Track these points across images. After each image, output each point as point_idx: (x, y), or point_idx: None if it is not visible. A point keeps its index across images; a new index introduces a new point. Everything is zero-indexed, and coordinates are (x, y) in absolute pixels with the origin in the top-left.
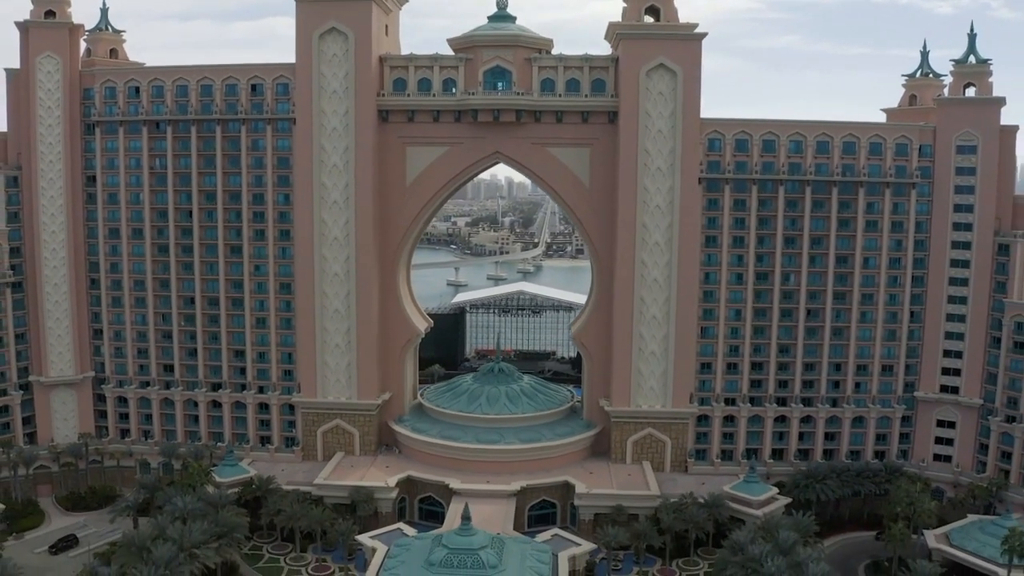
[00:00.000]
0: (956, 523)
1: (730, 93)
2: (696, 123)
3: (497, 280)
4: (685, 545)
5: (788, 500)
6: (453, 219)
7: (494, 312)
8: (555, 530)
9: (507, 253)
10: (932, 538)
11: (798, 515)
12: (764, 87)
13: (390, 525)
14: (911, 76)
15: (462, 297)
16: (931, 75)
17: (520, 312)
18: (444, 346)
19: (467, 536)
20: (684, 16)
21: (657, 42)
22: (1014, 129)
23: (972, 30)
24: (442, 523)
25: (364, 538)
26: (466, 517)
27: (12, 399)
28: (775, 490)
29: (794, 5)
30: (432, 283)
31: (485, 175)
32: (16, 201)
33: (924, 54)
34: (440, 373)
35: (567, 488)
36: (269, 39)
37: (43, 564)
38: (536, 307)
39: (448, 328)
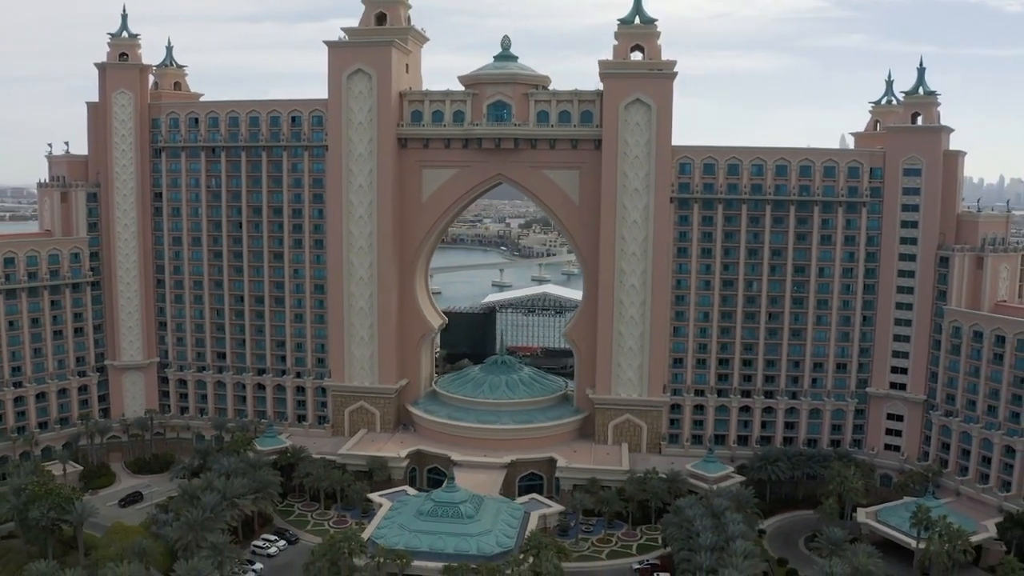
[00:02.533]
0: (888, 503)
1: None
2: (668, 149)
3: (541, 281)
4: (649, 513)
5: (742, 479)
6: (507, 220)
7: (522, 312)
8: (533, 495)
9: (553, 255)
10: (863, 515)
11: (749, 492)
12: (829, 88)
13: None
14: (876, 103)
15: (493, 298)
16: (895, 103)
17: (544, 312)
18: (476, 343)
19: (451, 493)
20: (738, 22)
21: (634, 80)
22: (957, 154)
23: (921, 64)
24: None
25: (375, 496)
26: (451, 478)
27: (90, 380)
28: (731, 469)
29: (860, 4)
30: (478, 283)
31: None
32: (95, 213)
33: (889, 83)
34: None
35: (552, 463)
36: (332, 38)
37: (114, 514)
38: (559, 308)
39: (480, 326)
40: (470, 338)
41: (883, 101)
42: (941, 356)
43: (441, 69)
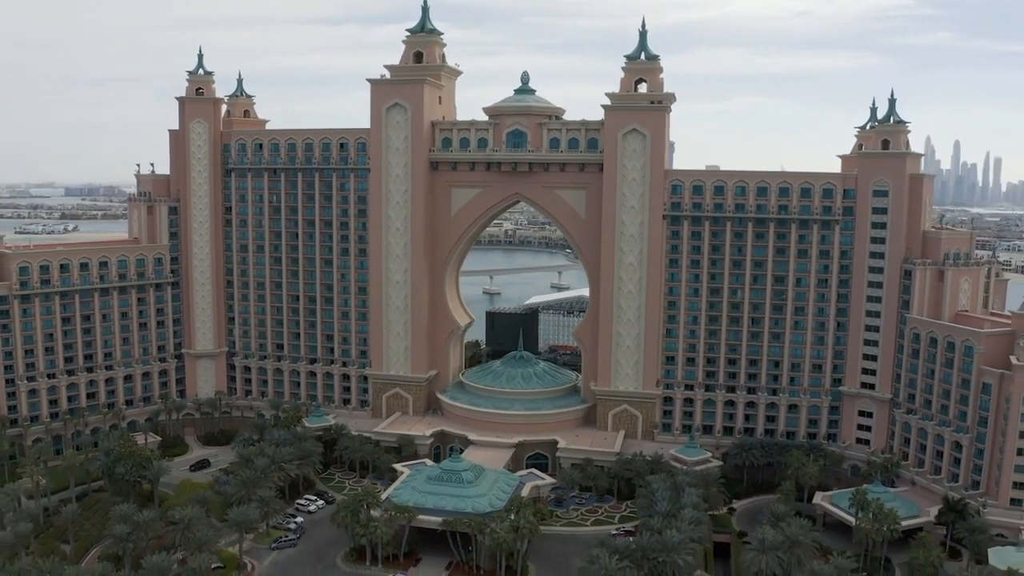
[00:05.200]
0: (844, 489)
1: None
2: (662, 173)
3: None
4: (635, 490)
5: (720, 463)
6: None
7: (562, 313)
8: (531, 470)
9: None
10: (819, 497)
11: (716, 473)
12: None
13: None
14: (861, 128)
15: (536, 299)
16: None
17: (581, 313)
18: (519, 341)
19: (455, 463)
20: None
21: (631, 112)
22: (923, 177)
23: (892, 95)
24: None
25: (398, 466)
26: (459, 451)
27: (169, 365)
28: (708, 455)
29: (944, 1)
30: (538, 285)
31: None
32: (176, 224)
33: (873, 110)
34: None
35: (554, 444)
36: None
37: (186, 477)
38: None
39: (523, 325)
40: (514, 337)
41: (867, 127)
42: (904, 360)
43: (516, 71)
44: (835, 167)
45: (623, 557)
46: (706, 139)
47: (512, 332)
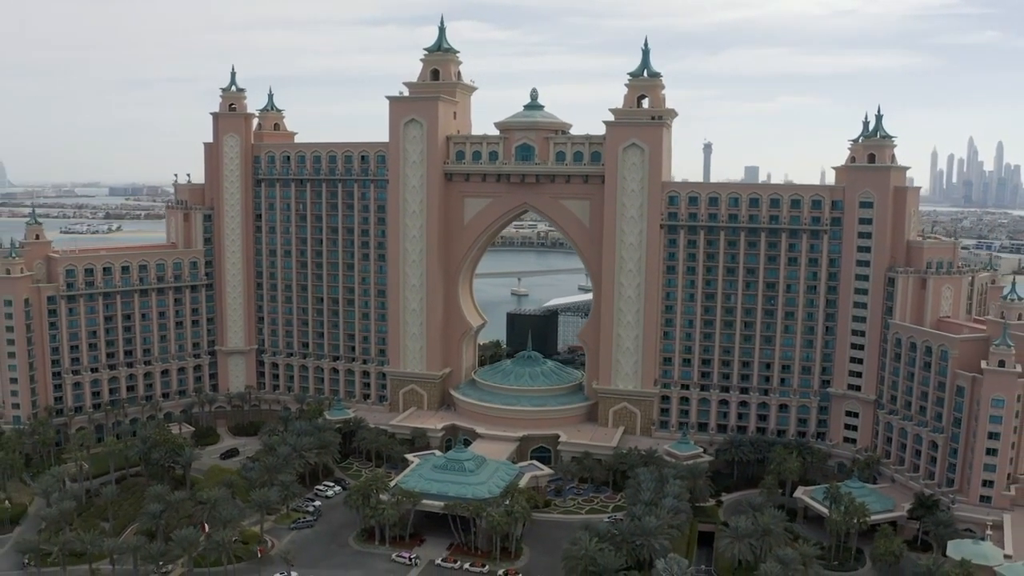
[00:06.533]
0: (824, 484)
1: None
2: (659, 185)
3: None
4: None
5: (711, 458)
6: None
7: (580, 315)
8: (532, 461)
9: None
10: (800, 491)
11: (703, 467)
12: (960, 87)
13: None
14: (855, 141)
15: (555, 302)
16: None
17: None
18: (538, 342)
19: (460, 454)
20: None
21: (630, 128)
22: (907, 190)
23: (879, 112)
24: None
25: (409, 456)
26: (464, 443)
27: (203, 361)
28: (700, 450)
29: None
30: (564, 287)
31: None
32: (210, 231)
33: (866, 124)
34: None
35: (556, 439)
36: (454, 42)
37: (216, 464)
38: None
39: (543, 327)
40: (534, 338)
41: (860, 140)
42: (887, 363)
43: (560, 71)
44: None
45: (603, 539)
46: (746, 139)
47: (532, 334)
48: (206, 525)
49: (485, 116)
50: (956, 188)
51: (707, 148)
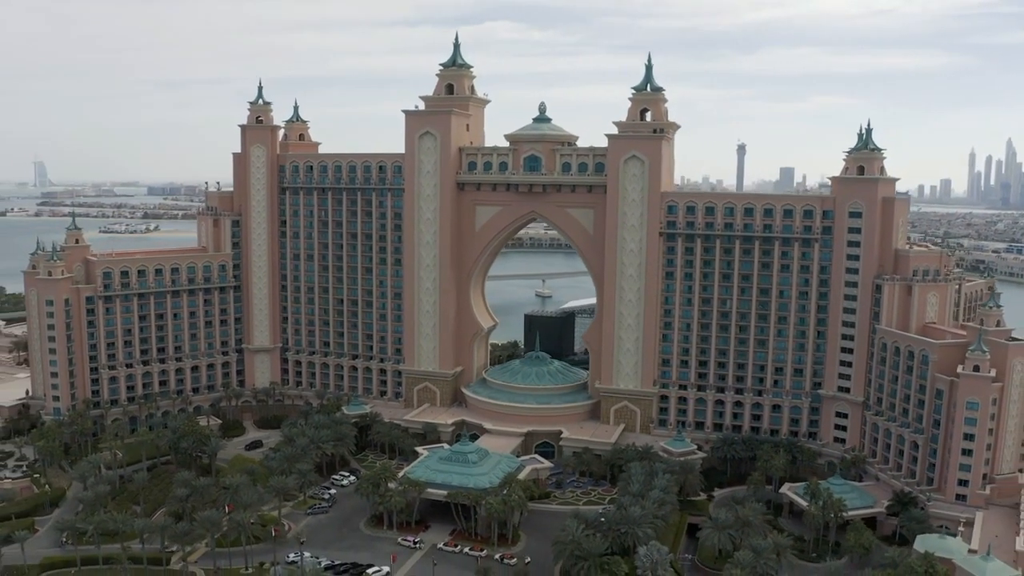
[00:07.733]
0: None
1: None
2: (659, 195)
3: None
4: None
5: (704, 455)
6: None
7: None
8: (534, 455)
9: None
10: (785, 487)
11: (695, 463)
12: (998, 87)
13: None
14: (850, 152)
15: (571, 304)
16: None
17: None
18: (555, 344)
19: (464, 447)
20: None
21: (631, 141)
22: (894, 200)
23: (869, 125)
24: None
25: (420, 448)
26: (467, 437)
27: (231, 358)
28: (694, 447)
29: None
30: (588, 288)
31: None
32: (238, 236)
33: (860, 135)
34: None
35: (559, 434)
36: (490, 42)
37: (241, 454)
38: None
39: (560, 329)
40: (552, 339)
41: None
42: (874, 366)
43: (596, 71)
44: (899, 171)
45: (591, 527)
46: (781, 140)
47: (548, 334)
48: (231, 505)
49: (519, 115)
50: (993, 190)
51: (741, 149)
